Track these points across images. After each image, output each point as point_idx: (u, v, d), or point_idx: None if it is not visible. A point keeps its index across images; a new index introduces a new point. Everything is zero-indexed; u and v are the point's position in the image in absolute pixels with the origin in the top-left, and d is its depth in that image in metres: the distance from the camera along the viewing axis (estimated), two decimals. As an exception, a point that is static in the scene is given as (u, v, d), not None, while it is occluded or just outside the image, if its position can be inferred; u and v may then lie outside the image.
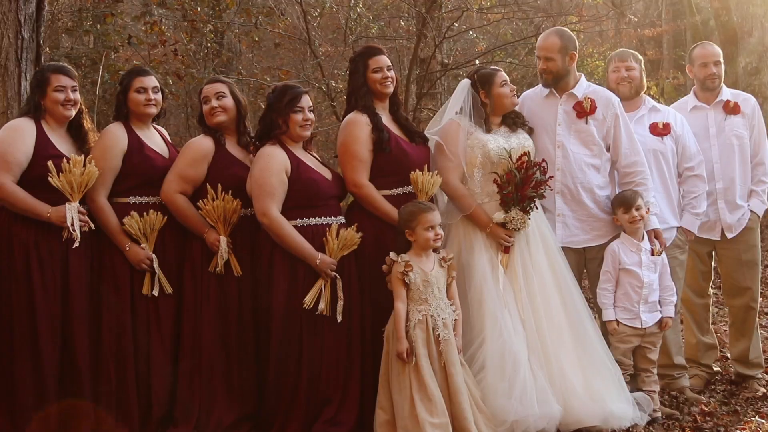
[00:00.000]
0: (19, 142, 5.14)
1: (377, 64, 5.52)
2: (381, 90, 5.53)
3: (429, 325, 5.10)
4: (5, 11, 6.72)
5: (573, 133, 5.75)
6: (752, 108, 6.29)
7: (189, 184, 5.34)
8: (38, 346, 5.10)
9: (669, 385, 6.05)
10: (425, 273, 5.15)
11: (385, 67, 5.53)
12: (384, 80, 5.52)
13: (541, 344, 5.37)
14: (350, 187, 5.46)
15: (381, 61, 5.53)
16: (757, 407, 5.85)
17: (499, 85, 5.56)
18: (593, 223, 5.78)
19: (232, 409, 5.32)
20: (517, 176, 5.40)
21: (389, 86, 5.55)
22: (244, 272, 5.35)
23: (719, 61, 6.28)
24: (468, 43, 12.91)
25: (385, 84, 5.53)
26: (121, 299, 5.29)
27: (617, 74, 6.13)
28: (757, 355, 6.39)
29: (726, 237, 6.25)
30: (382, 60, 5.54)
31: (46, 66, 5.42)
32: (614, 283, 5.70)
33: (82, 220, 5.12)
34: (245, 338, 5.37)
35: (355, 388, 5.31)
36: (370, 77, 5.52)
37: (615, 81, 6.13)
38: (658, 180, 5.93)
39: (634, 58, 6.21)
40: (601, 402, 5.27)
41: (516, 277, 5.48)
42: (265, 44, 11.61)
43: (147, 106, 5.42)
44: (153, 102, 5.44)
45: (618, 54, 6.32)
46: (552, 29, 6.03)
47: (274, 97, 5.37)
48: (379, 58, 5.54)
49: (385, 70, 5.52)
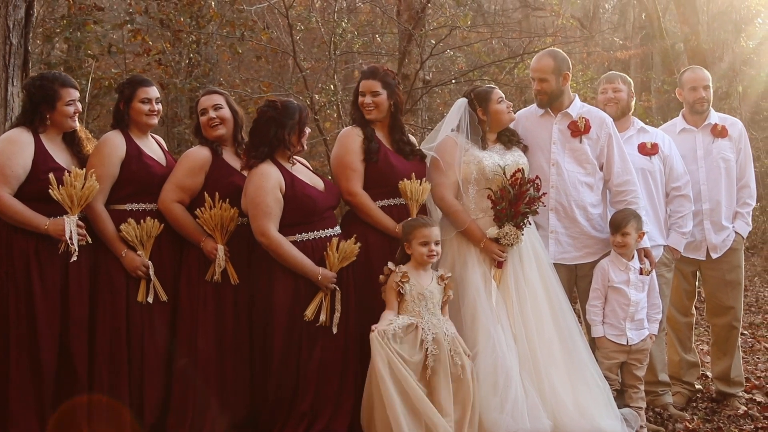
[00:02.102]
0: (18, 155, 5.11)
1: (362, 88, 5.62)
2: (364, 115, 5.61)
3: (418, 334, 5.12)
4: (-6, 17, 6.68)
5: (567, 151, 5.83)
6: (739, 132, 6.43)
7: (186, 193, 5.34)
8: (38, 353, 5.07)
9: (653, 402, 6.13)
10: (421, 286, 5.19)
11: (368, 92, 5.58)
12: (365, 105, 5.59)
13: (532, 359, 5.41)
14: (345, 196, 5.53)
15: (363, 86, 5.61)
16: (740, 425, 5.96)
17: (496, 102, 5.64)
18: (585, 241, 5.86)
19: (225, 416, 5.32)
20: (511, 192, 5.45)
21: (370, 112, 5.60)
22: (241, 280, 5.35)
23: (708, 86, 6.42)
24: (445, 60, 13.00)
25: (367, 109, 5.60)
26: (116, 305, 5.27)
27: (605, 95, 6.27)
28: (738, 374, 6.50)
29: (711, 257, 6.37)
30: (363, 85, 5.61)
31: (51, 78, 5.31)
32: (603, 300, 5.78)
33: (80, 233, 5.10)
34: (241, 346, 5.37)
35: (348, 398, 5.33)
36: (359, 100, 5.63)
37: (603, 102, 6.26)
38: (646, 199, 6.03)
39: (622, 80, 6.33)
40: (590, 418, 5.30)
41: (509, 293, 5.53)
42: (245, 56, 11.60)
43: (150, 117, 5.44)
44: (156, 113, 5.47)
45: (606, 77, 6.45)
46: (545, 51, 6.09)
47: (286, 114, 5.31)
48: (364, 83, 5.62)
49: (368, 95, 5.58)
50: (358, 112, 5.65)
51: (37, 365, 5.09)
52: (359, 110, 5.64)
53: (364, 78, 5.66)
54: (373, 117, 5.60)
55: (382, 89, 5.58)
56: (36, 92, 5.24)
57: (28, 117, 5.27)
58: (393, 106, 5.65)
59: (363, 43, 10.75)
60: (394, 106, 5.65)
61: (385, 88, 5.59)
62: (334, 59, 9.91)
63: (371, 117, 5.60)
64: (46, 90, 5.22)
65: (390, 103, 5.62)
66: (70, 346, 5.17)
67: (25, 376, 5.08)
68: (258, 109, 5.48)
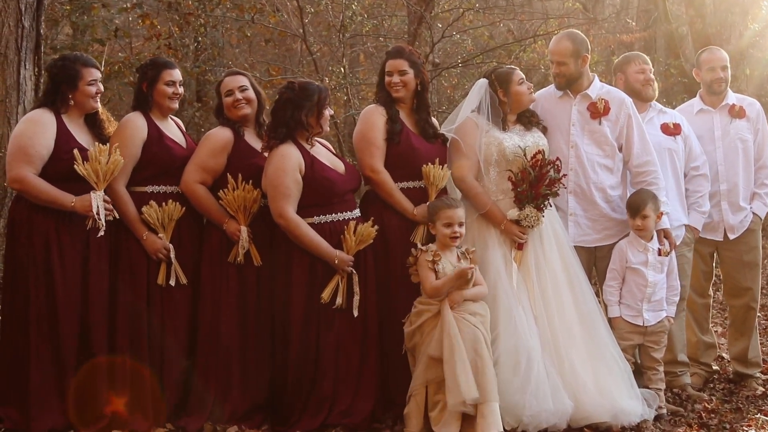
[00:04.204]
0: (41, 135, 5.11)
1: (389, 68, 5.61)
2: (392, 93, 5.61)
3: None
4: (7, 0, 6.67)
5: (586, 133, 5.81)
6: (757, 112, 6.42)
7: (209, 174, 5.34)
8: (58, 335, 5.09)
9: (671, 383, 6.11)
10: (453, 264, 5.21)
11: (395, 71, 5.58)
12: (393, 85, 5.58)
13: (553, 340, 5.43)
14: (366, 171, 5.51)
15: (390, 65, 5.60)
16: (759, 405, 5.96)
17: (517, 83, 5.62)
18: (605, 223, 5.85)
19: (246, 399, 5.33)
20: (532, 174, 5.45)
21: (398, 90, 5.59)
22: (264, 262, 5.36)
23: (726, 66, 6.40)
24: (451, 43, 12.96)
25: (395, 89, 5.59)
26: (136, 288, 5.28)
27: (644, 75, 6.22)
28: (756, 355, 6.51)
29: (728, 238, 6.36)
30: (390, 64, 5.61)
31: (73, 58, 5.31)
32: (621, 281, 5.78)
33: (107, 208, 5.08)
34: (262, 328, 5.38)
35: (370, 380, 5.35)
36: (385, 80, 5.62)
37: (642, 82, 6.20)
38: (672, 179, 6.03)
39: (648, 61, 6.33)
40: (610, 398, 5.33)
41: (529, 274, 5.54)
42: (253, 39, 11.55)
43: (173, 100, 5.44)
44: (179, 96, 5.47)
45: (637, 56, 6.37)
46: (563, 33, 6.05)
47: (303, 96, 5.30)
48: (391, 62, 5.61)
49: (395, 74, 5.57)
50: (384, 92, 5.63)
51: (57, 347, 5.10)
52: (385, 90, 5.63)
53: (391, 58, 5.65)
54: (401, 95, 5.59)
55: (409, 68, 5.58)
56: (58, 72, 5.23)
57: (50, 98, 5.26)
58: (420, 85, 5.64)
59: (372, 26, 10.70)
60: (420, 85, 5.64)
61: (412, 67, 5.58)
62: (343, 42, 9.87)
63: (399, 95, 5.59)
64: (68, 70, 5.21)
65: (417, 82, 5.61)
66: (90, 328, 5.18)
67: (45, 359, 5.09)
68: (278, 90, 5.49)
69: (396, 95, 5.59)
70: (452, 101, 12.11)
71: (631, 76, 6.20)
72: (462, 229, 5.28)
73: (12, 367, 5.12)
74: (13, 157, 5.11)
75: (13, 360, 5.12)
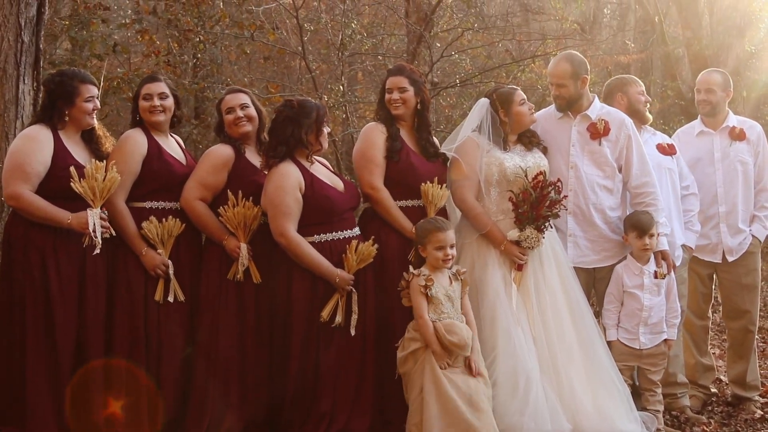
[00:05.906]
0: (38, 152, 5.10)
1: (389, 85, 5.64)
2: (391, 110, 5.63)
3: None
4: (6, 14, 6.64)
5: (586, 154, 5.81)
6: (758, 135, 6.43)
7: (209, 191, 5.33)
8: (54, 352, 5.06)
9: (670, 405, 6.10)
10: (444, 288, 5.17)
11: (395, 88, 5.60)
12: (392, 102, 5.60)
13: (552, 362, 5.41)
14: (366, 188, 5.51)
15: (390, 83, 5.64)
16: (757, 428, 5.95)
17: (518, 104, 5.62)
18: (604, 244, 5.84)
19: (243, 417, 5.30)
20: (533, 195, 5.44)
21: (398, 108, 5.61)
22: (263, 279, 5.33)
23: (711, 89, 6.41)
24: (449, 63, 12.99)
25: (394, 105, 5.61)
26: (133, 304, 5.26)
27: (644, 97, 6.25)
28: (754, 378, 6.50)
29: (727, 260, 6.36)
30: (391, 81, 5.64)
31: (70, 74, 5.30)
32: (619, 305, 5.78)
33: (103, 226, 5.07)
34: (261, 346, 5.35)
35: (367, 399, 5.34)
36: (385, 97, 5.65)
37: (643, 104, 6.24)
38: (672, 198, 6.04)
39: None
40: (609, 420, 5.30)
41: (528, 295, 5.52)
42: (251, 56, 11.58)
43: (152, 113, 5.40)
44: (159, 108, 5.40)
45: (634, 79, 6.39)
46: (562, 55, 6.05)
47: (303, 113, 5.30)
48: (392, 79, 5.65)
49: (395, 91, 5.60)
50: (385, 109, 5.65)
51: (53, 364, 5.07)
52: (386, 108, 5.65)
53: (391, 75, 5.69)
54: (401, 113, 5.60)
55: (410, 86, 5.60)
56: (55, 88, 5.22)
57: (46, 113, 5.25)
58: (420, 104, 5.65)
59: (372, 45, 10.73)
60: (420, 103, 5.66)
61: (412, 85, 5.61)
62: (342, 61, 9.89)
63: (398, 113, 5.60)
64: (65, 86, 5.20)
65: (417, 101, 5.63)
66: (87, 344, 5.15)
67: (41, 375, 5.05)
68: (276, 108, 5.48)
69: (395, 112, 5.60)
70: (450, 120, 12.15)
71: (633, 97, 6.21)
72: (453, 251, 5.25)
73: (10, 386, 5.08)
74: (10, 174, 5.09)
75: (9, 378, 5.08)
